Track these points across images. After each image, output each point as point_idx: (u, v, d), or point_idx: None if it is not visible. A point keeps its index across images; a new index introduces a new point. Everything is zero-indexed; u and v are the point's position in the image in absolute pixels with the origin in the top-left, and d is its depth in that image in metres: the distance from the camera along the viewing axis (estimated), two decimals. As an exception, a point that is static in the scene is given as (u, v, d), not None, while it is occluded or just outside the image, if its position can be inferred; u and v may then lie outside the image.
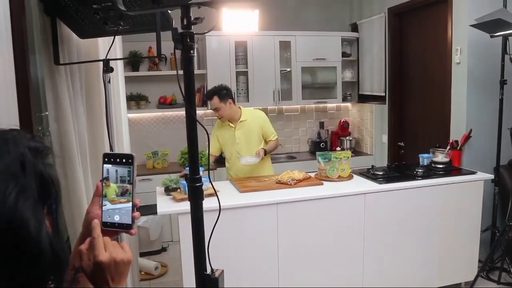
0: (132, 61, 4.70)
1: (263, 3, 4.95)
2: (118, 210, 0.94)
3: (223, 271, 1.10)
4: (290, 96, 5.05)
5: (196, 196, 1.05)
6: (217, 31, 4.71)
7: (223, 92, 3.46)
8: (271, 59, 4.89)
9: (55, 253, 0.69)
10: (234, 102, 3.55)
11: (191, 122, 1.02)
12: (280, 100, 4.99)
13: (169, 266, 4.05)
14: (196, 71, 4.76)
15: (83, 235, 0.96)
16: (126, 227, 0.94)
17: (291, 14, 5.26)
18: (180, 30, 1.00)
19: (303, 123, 5.50)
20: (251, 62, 4.83)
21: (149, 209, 3.48)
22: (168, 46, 1.49)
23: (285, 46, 4.98)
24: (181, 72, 1.02)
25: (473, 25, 3.14)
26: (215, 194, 1.14)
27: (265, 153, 3.49)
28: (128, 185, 0.95)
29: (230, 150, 3.59)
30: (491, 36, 3.18)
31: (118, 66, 2.99)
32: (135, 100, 4.77)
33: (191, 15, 1.00)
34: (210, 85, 4.60)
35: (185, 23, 0.98)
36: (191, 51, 0.99)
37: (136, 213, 0.96)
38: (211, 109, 3.59)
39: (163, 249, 4.44)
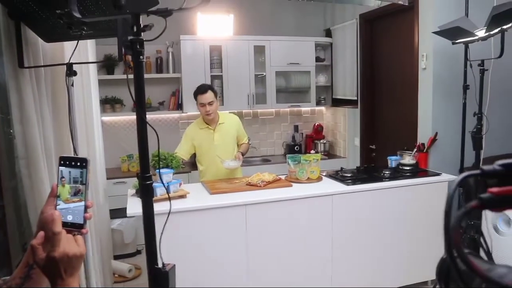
0: (107, 64, 4.71)
1: (238, 8, 5.02)
2: (71, 210, 0.99)
3: (174, 265, 1.16)
4: (264, 100, 5.13)
5: (147, 194, 1.10)
6: (191, 35, 4.77)
7: (215, 90, 3.57)
8: (246, 63, 4.96)
9: None
10: (222, 102, 3.63)
11: (142, 124, 1.07)
12: (255, 103, 5.06)
13: (143, 269, 4.06)
14: (171, 75, 4.86)
15: (37, 234, 1.00)
16: (78, 227, 1.00)
17: (266, 19, 5.34)
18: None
19: (278, 127, 5.58)
20: (226, 66, 4.89)
21: (123, 212, 3.49)
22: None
23: (259, 50, 5.06)
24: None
25: (435, 32, 3.26)
26: (168, 197, 1.19)
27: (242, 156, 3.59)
28: (80, 185, 1.00)
29: (207, 153, 3.58)
30: (453, 43, 3.30)
31: (90, 70, 3.01)
32: (110, 104, 4.77)
33: (141, 22, 1.05)
34: (185, 89, 4.66)
35: (135, 30, 1.04)
36: (141, 57, 1.04)
37: (88, 214, 1.01)
38: (201, 103, 3.45)
39: (138, 252, 4.44)
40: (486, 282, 0.52)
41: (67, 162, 1.00)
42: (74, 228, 0.99)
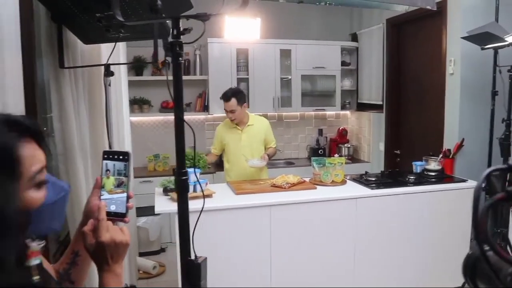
0: (136, 66, 4.84)
1: (265, 12, 5.07)
2: (114, 201, 1.06)
3: (206, 258, 1.21)
4: (290, 103, 5.17)
5: (182, 189, 1.16)
6: (219, 38, 4.85)
7: (240, 95, 3.61)
8: (272, 66, 5.02)
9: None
10: (248, 105, 3.71)
11: (179, 122, 1.13)
12: (280, 107, 5.11)
13: (167, 266, 4.15)
14: (198, 77, 4.95)
15: (83, 223, 1.08)
16: (121, 216, 1.06)
17: (292, 23, 5.38)
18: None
19: (303, 130, 5.61)
20: (252, 69, 4.96)
21: (149, 210, 3.59)
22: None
23: (285, 54, 5.11)
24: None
25: (464, 37, 3.24)
26: (204, 196, 1.25)
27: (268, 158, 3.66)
28: (124, 177, 1.07)
29: (233, 153, 3.69)
30: (482, 49, 3.27)
31: (121, 71, 3.12)
32: (138, 104, 4.90)
33: (180, 26, 1.11)
34: (212, 91, 4.74)
35: (174, 33, 1.10)
36: (180, 59, 1.10)
37: (130, 204, 1.07)
38: (225, 109, 3.60)
39: (162, 250, 4.54)
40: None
41: (110, 156, 1.07)
42: (117, 217, 1.05)
